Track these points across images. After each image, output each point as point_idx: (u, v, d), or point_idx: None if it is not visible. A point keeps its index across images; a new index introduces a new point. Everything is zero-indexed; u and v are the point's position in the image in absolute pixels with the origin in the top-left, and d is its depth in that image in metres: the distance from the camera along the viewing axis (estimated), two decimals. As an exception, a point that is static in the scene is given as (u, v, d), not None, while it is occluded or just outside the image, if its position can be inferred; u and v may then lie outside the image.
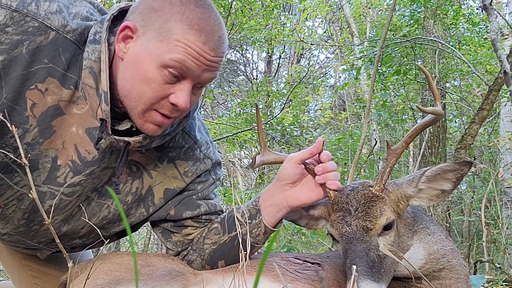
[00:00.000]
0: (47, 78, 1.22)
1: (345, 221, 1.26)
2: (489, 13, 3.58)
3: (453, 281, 1.35)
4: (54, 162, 1.30)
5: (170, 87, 1.22)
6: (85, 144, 1.31)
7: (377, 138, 7.36)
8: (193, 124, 1.54)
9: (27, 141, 1.25)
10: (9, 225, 1.38)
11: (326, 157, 1.36)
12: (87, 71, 1.23)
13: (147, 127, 1.27)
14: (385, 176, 1.30)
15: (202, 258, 1.53)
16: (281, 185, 1.41)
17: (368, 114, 3.78)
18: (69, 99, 1.27)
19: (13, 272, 1.75)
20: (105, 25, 1.25)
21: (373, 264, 1.17)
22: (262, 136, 1.52)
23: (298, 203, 1.40)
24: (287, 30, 10.22)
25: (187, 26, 1.19)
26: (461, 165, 1.30)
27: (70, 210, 1.39)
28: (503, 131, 6.58)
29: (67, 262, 1.03)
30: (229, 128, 8.02)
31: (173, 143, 1.49)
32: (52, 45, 1.21)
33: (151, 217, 1.53)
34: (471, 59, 6.85)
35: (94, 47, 1.23)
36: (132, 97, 1.24)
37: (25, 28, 1.17)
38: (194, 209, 1.52)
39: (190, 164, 1.51)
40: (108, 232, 1.52)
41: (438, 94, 1.35)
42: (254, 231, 1.45)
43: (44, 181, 1.31)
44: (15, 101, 1.20)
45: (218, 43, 1.23)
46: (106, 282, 1.26)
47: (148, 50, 1.21)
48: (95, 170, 1.34)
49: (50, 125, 1.26)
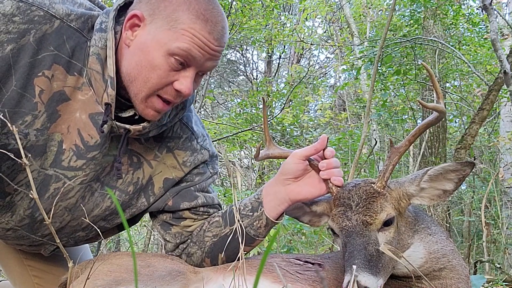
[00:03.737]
0: (53, 65, 1.26)
1: (346, 215, 1.27)
2: (489, 13, 3.58)
3: (454, 281, 1.35)
4: (59, 146, 1.34)
5: (175, 74, 1.27)
6: (88, 129, 1.35)
7: (377, 138, 7.36)
8: (190, 116, 1.59)
9: (36, 127, 1.28)
10: (14, 216, 1.40)
11: (330, 153, 1.38)
12: (94, 57, 1.28)
13: (147, 112, 1.32)
14: (388, 173, 1.31)
15: (202, 251, 1.55)
16: (283, 179, 1.43)
17: (368, 114, 3.78)
18: (74, 85, 1.31)
19: (14, 272, 1.75)
20: (112, 15, 1.30)
21: (371, 258, 1.18)
22: (267, 129, 1.54)
23: (300, 197, 1.42)
24: (287, 30, 10.22)
25: (194, 16, 1.24)
26: (463, 166, 1.30)
27: (74, 199, 1.42)
28: (503, 131, 6.58)
29: (68, 262, 1.03)
30: (229, 128, 8.02)
31: (171, 133, 1.53)
32: (57, 33, 1.26)
33: (151, 208, 1.56)
34: (471, 59, 6.85)
35: (100, 35, 1.28)
36: (138, 83, 1.28)
37: (31, 17, 1.22)
38: (191, 200, 1.55)
39: (188, 154, 1.55)
40: (110, 224, 1.55)
41: (441, 92, 1.35)
42: (255, 223, 1.48)
43: (51, 164, 1.35)
44: (24, 88, 1.24)
45: (221, 33, 1.29)
46: (105, 283, 1.25)
47: (155, 38, 1.25)
48: (96, 155, 1.38)
49: (55, 110, 1.30)
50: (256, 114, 8.67)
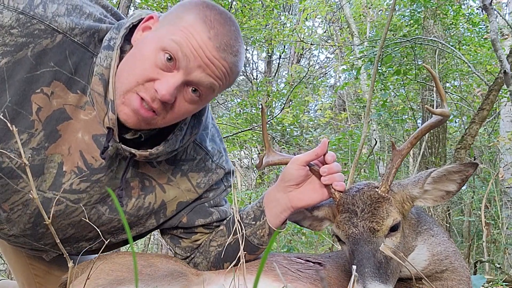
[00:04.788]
0: (53, 81, 1.20)
1: (352, 222, 1.25)
2: (489, 13, 3.58)
3: (455, 282, 1.34)
4: (59, 168, 1.28)
5: (159, 72, 1.17)
6: (92, 151, 1.29)
7: (377, 138, 7.36)
8: (204, 135, 1.52)
9: (32, 146, 1.23)
10: (15, 228, 1.37)
11: (331, 158, 1.35)
12: (97, 78, 1.22)
13: (121, 109, 1.20)
14: (391, 177, 1.30)
15: (208, 261, 1.53)
16: (285, 186, 1.40)
17: (368, 114, 3.78)
18: (76, 104, 1.25)
19: (17, 269, 1.75)
20: (122, 33, 1.24)
21: (380, 266, 1.17)
22: (267, 137, 1.51)
23: (302, 204, 1.40)
24: (287, 30, 10.21)
25: (200, 19, 1.18)
26: (466, 166, 1.29)
27: (77, 218, 1.37)
28: (503, 131, 6.58)
29: (68, 262, 1.03)
30: (229, 128, 8.03)
31: (185, 155, 1.47)
32: (59, 48, 1.20)
33: (163, 225, 1.53)
34: (471, 59, 6.85)
35: (107, 54, 1.21)
36: (123, 76, 1.20)
37: (30, 31, 1.16)
38: (206, 217, 1.52)
39: (202, 175, 1.50)
40: (115, 238, 1.51)
41: (445, 95, 1.35)
42: (258, 232, 1.45)
43: (50, 187, 1.29)
44: (20, 105, 1.19)
45: (226, 48, 1.19)
46: (107, 282, 1.26)
47: (156, 33, 1.21)
48: (101, 178, 1.33)
49: (55, 129, 1.24)
50: (256, 114, 8.67)
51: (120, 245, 1.61)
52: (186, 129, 1.36)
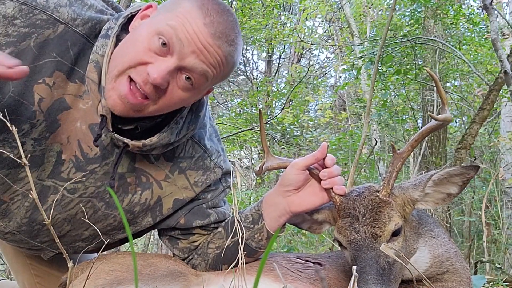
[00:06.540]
0: (54, 72, 1.20)
1: (353, 227, 1.24)
2: (489, 13, 3.58)
3: (456, 283, 1.34)
4: (58, 157, 1.29)
5: (152, 56, 1.16)
6: (88, 140, 1.29)
7: (377, 138, 7.35)
8: (202, 133, 1.51)
9: (34, 137, 1.23)
10: (12, 223, 1.37)
11: (331, 162, 1.34)
12: (92, 65, 1.22)
13: (110, 95, 1.19)
14: (392, 180, 1.28)
15: (206, 263, 1.53)
16: (284, 190, 1.39)
17: (368, 114, 3.78)
18: (75, 93, 1.26)
19: (17, 269, 1.75)
20: (119, 21, 1.25)
21: (383, 272, 1.16)
22: (266, 142, 1.48)
23: (301, 208, 1.38)
24: (287, 30, 10.20)
25: (197, 7, 1.17)
26: (467, 169, 1.28)
27: (73, 211, 1.38)
28: (503, 131, 6.57)
29: (67, 262, 1.03)
30: (229, 128, 8.01)
31: (183, 153, 1.47)
32: (60, 39, 1.20)
33: (159, 225, 1.52)
34: (472, 59, 6.84)
35: (103, 42, 1.22)
36: (115, 60, 1.19)
37: (33, 21, 1.16)
38: (204, 218, 1.51)
39: (200, 174, 1.50)
40: (112, 239, 1.50)
41: (447, 99, 1.34)
42: (256, 236, 1.45)
43: (49, 175, 1.30)
44: (22, 95, 1.19)
45: (221, 36, 1.17)
46: (107, 282, 1.25)
47: (153, 20, 1.21)
48: (96, 169, 1.33)
49: (56, 119, 1.25)
50: (256, 114, 8.67)
51: (117, 244, 1.60)
52: (183, 123, 1.36)
